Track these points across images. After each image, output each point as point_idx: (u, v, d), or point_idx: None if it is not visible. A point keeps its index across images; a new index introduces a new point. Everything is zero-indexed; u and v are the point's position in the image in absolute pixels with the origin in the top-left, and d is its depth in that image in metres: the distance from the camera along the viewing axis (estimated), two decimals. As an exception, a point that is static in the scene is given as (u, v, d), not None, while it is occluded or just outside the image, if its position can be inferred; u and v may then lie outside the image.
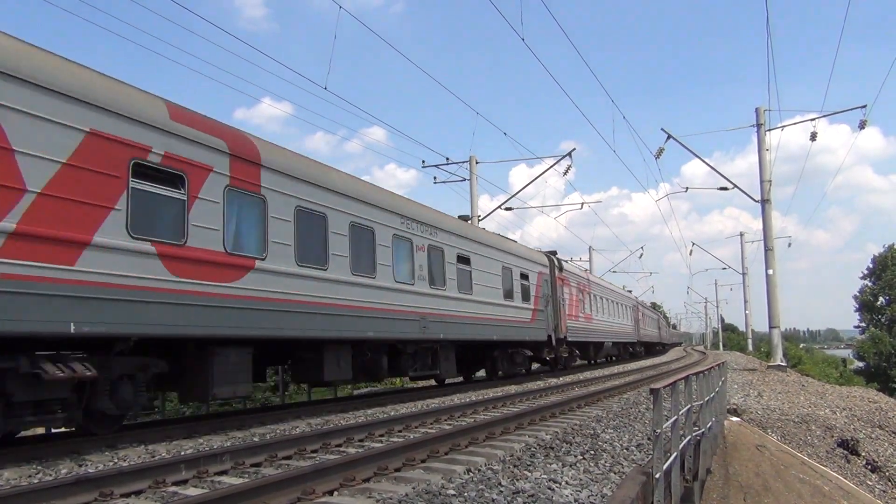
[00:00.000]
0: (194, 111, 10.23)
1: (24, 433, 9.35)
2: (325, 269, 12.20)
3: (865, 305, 76.75)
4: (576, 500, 5.64)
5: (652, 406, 6.09)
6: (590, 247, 60.36)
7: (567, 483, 6.12)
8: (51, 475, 6.67)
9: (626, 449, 8.16)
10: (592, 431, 9.34)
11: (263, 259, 10.70)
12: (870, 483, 16.92)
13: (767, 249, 31.27)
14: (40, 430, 10.84)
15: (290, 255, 11.32)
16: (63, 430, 9.62)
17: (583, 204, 37.81)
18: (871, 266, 77.46)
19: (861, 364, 74.21)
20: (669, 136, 30.81)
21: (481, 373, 22.77)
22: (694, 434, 8.25)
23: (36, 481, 6.36)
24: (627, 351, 44.76)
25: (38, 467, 7.05)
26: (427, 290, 15.75)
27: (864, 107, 29.62)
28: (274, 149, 11.77)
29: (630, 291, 53.60)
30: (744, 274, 71.14)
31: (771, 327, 31.78)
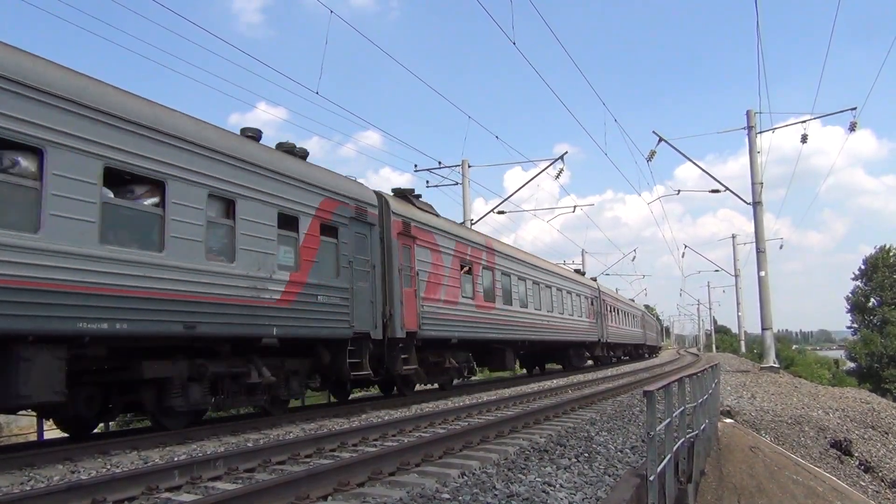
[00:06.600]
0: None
1: (17, 439, 9.29)
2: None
3: (857, 307, 76.96)
4: (570, 503, 5.65)
5: (646, 408, 6.11)
6: (582, 250, 60.69)
7: (561, 486, 6.13)
8: (43, 482, 6.63)
9: (621, 451, 8.17)
10: (587, 434, 9.35)
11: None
12: (863, 483, 16.99)
13: (759, 251, 31.39)
14: (33, 437, 10.79)
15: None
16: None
17: (575, 207, 38.10)
18: (862, 267, 77.77)
19: (853, 365, 74.40)
20: (661, 139, 30.92)
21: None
22: (688, 436, 8.28)
23: (28, 488, 6.32)
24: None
25: (31, 474, 7.01)
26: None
27: (854, 109, 29.79)
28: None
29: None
30: (736, 276, 71.36)
31: (763, 329, 31.88)
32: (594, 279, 39.27)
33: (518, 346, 23.96)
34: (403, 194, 16.67)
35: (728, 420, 16.01)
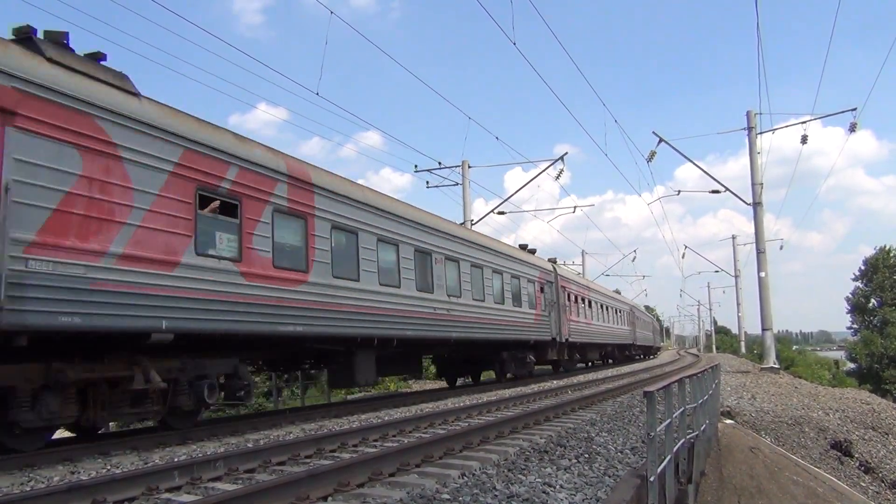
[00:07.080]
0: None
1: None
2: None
3: (857, 307, 77.02)
4: (570, 504, 5.64)
5: (646, 409, 6.11)
6: (582, 251, 60.56)
7: (562, 487, 6.12)
8: (43, 482, 6.63)
9: (621, 452, 8.17)
10: (587, 435, 9.35)
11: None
12: (863, 484, 17.00)
13: (759, 252, 31.43)
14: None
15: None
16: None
17: (575, 208, 38.16)
18: (862, 268, 77.83)
19: (853, 366, 74.44)
20: (661, 140, 30.95)
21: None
22: (688, 437, 8.27)
23: (28, 489, 6.32)
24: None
25: (31, 475, 7.00)
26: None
27: (855, 109, 29.84)
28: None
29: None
30: (736, 277, 71.42)
31: (763, 329, 31.92)
32: (552, 260, 30.01)
33: (387, 347, 14.84)
34: (28, 36, 8.15)
35: (728, 421, 16.02)
